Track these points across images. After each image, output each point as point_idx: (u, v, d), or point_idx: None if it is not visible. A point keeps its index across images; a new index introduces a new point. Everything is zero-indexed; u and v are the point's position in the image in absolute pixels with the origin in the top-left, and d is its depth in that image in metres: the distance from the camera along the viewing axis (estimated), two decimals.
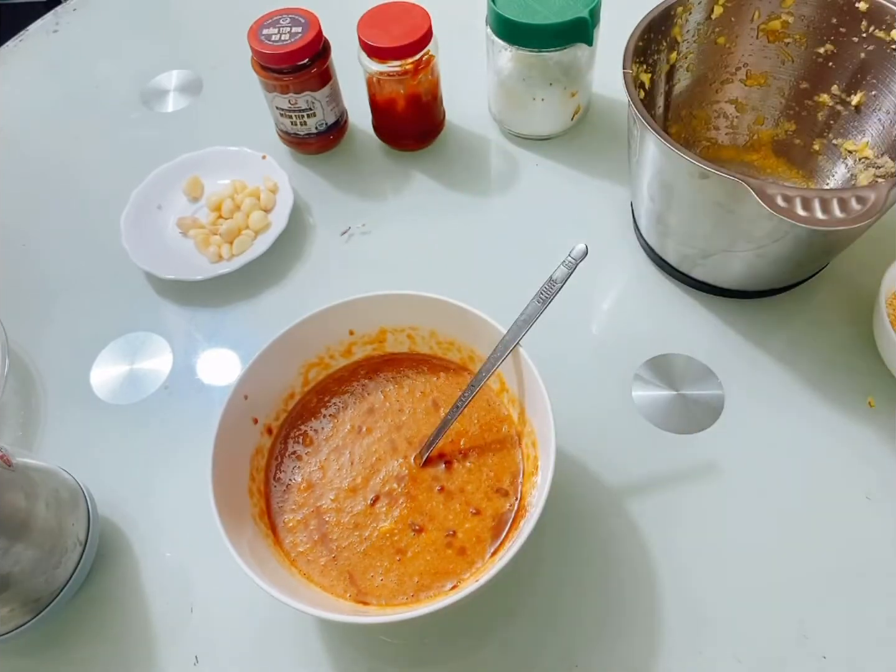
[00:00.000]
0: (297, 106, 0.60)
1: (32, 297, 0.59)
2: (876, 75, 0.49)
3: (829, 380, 0.49)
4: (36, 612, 0.41)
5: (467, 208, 0.61)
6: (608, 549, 0.44)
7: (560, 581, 0.43)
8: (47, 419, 0.52)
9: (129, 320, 0.57)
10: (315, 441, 0.45)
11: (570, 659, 0.41)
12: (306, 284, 0.58)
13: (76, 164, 0.68)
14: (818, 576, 0.43)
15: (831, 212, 0.38)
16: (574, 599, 0.43)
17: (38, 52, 0.79)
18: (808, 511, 0.45)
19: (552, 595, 0.43)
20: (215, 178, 0.63)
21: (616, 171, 0.60)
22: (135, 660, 0.43)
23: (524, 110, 0.62)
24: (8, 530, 0.38)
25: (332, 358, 0.47)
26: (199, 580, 0.45)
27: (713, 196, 0.44)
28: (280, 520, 0.42)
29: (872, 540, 0.43)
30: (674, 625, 0.41)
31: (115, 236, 0.58)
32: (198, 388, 0.53)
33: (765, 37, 0.53)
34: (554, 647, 0.41)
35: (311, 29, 0.56)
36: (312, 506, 0.42)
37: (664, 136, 0.43)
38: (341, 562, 0.41)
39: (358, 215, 0.61)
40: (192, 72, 0.74)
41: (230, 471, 0.41)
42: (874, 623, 0.41)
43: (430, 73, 0.59)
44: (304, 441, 0.45)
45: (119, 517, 0.48)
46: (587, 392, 0.50)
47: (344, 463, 0.44)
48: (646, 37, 0.49)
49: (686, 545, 0.44)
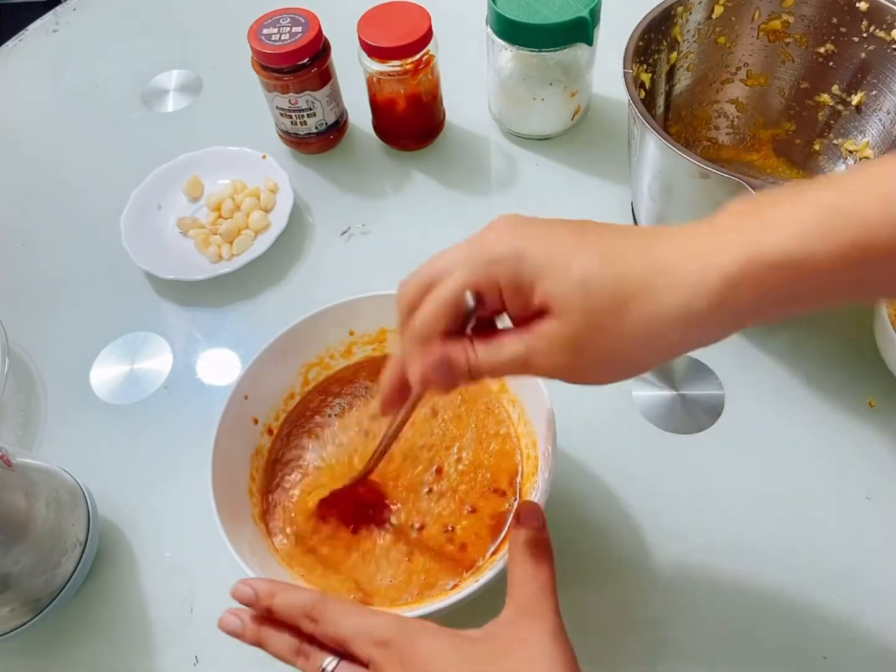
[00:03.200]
0: (297, 106, 0.60)
1: (32, 296, 0.59)
2: (876, 75, 0.49)
3: (830, 380, 0.49)
4: (36, 612, 0.41)
5: (467, 208, 0.61)
6: (608, 549, 0.44)
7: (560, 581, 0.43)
8: (47, 419, 0.52)
9: (129, 320, 0.57)
10: (315, 441, 0.45)
11: None
12: (306, 284, 0.58)
13: (76, 163, 0.68)
14: (818, 576, 0.42)
15: None
16: (574, 599, 0.43)
17: (37, 52, 0.79)
18: (808, 511, 0.45)
19: None
20: (215, 178, 0.63)
21: (616, 171, 0.60)
22: (135, 660, 0.43)
23: (524, 110, 0.62)
24: (8, 530, 0.38)
25: (332, 358, 0.47)
26: (199, 580, 0.45)
27: (714, 196, 0.44)
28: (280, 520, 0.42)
29: (872, 540, 0.43)
30: (674, 625, 0.41)
31: (115, 236, 0.58)
32: (198, 388, 0.53)
33: (765, 36, 0.53)
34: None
35: (312, 29, 0.56)
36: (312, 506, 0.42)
37: (665, 135, 0.43)
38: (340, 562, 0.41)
39: (358, 215, 0.61)
40: (192, 72, 0.74)
41: (230, 471, 0.41)
42: (874, 623, 0.41)
43: (430, 73, 0.58)
44: (305, 441, 0.45)
45: (119, 517, 0.48)
46: (587, 392, 0.50)
47: (345, 463, 0.44)
48: (646, 36, 0.49)
49: (686, 545, 0.44)
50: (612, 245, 0.27)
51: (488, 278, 0.28)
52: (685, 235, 0.27)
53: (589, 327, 0.27)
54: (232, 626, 0.33)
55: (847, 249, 0.24)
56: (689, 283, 0.25)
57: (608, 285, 0.26)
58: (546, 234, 0.28)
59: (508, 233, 0.28)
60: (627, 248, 0.27)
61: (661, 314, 0.26)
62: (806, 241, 0.24)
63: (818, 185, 0.26)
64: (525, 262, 0.27)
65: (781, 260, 0.24)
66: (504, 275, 0.28)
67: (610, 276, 0.26)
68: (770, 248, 0.25)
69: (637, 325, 0.26)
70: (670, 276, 0.26)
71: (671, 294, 0.26)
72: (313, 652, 0.31)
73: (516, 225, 0.29)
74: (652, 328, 0.26)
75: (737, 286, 0.25)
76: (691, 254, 0.26)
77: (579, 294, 0.26)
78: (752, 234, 0.25)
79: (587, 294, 0.26)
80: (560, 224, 0.29)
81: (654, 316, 0.26)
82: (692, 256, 0.26)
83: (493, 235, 0.29)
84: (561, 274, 0.27)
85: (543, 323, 0.27)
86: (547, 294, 0.27)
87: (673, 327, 0.26)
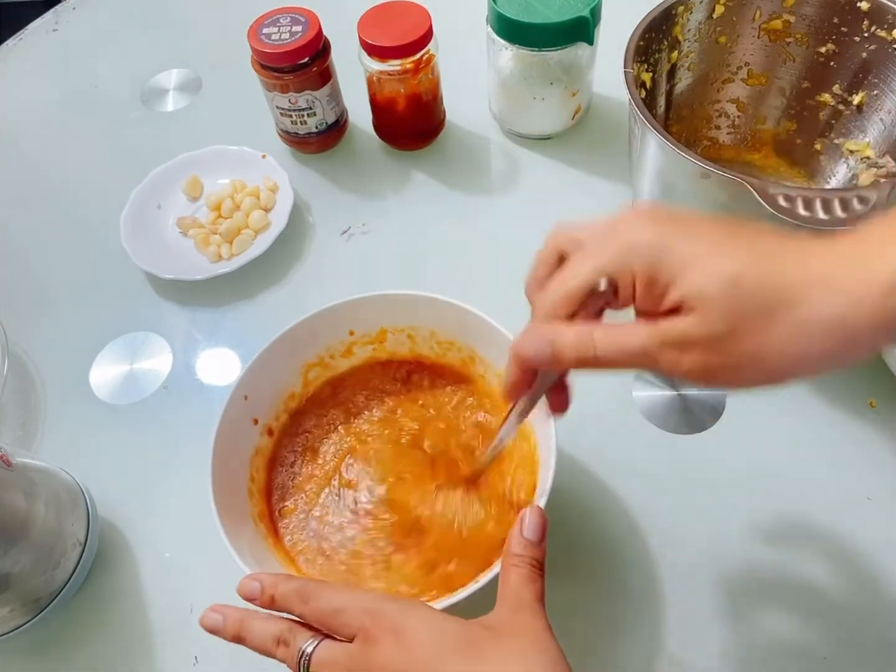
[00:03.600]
0: (298, 105, 0.59)
1: (32, 296, 0.59)
2: (877, 75, 0.49)
3: (831, 380, 0.49)
4: (36, 612, 0.41)
5: (467, 208, 0.61)
6: (608, 549, 0.44)
7: (560, 581, 0.43)
8: (47, 419, 0.52)
9: (129, 320, 0.57)
10: (315, 441, 0.45)
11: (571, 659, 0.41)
12: (306, 284, 0.58)
13: (76, 163, 0.68)
14: (818, 576, 0.42)
15: (833, 212, 0.38)
16: (574, 599, 0.43)
17: (37, 51, 0.79)
18: (808, 511, 0.45)
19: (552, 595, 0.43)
20: (215, 177, 0.63)
21: (617, 170, 0.60)
22: (135, 660, 0.43)
23: (525, 110, 0.62)
24: (8, 530, 0.38)
25: (332, 358, 0.47)
26: (199, 580, 0.45)
27: (715, 196, 0.44)
28: (280, 520, 0.42)
29: (873, 540, 0.43)
30: (674, 624, 0.41)
31: (115, 236, 0.58)
32: (198, 388, 0.53)
33: (766, 36, 0.53)
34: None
35: (312, 28, 0.56)
36: (313, 506, 0.42)
37: (665, 135, 0.43)
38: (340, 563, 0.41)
39: (358, 215, 0.61)
40: (192, 71, 0.74)
41: (230, 471, 0.40)
42: (874, 623, 0.41)
43: (430, 73, 0.58)
44: (305, 441, 0.45)
45: (119, 517, 0.47)
46: (587, 392, 0.50)
47: (345, 463, 0.44)
48: (647, 36, 0.49)
49: (687, 545, 0.44)
50: (766, 247, 0.26)
51: (625, 267, 0.27)
52: (841, 245, 0.26)
53: (734, 328, 0.26)
54: (212, 622, 0.32)
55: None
56: (848, 293, 0.25)
57: (761, 287, 0.25)
58: (693, 229, 0.27)
59: (652, 222, 0.28)
60: (783, 252, 0.26)
61: (821, 321, 0.25)
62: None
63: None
64: (668, 255, 0.26)
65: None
66: (642, 266, 0.27)
67: (764, 277, 0.25)
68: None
69: (790, 330, 0.25)
70: (828, 284, 0.25)
71: (829, 304, 0.25)
72: (293, 637, 0.30)
73: (659, 215, 0.28)
74: (804, 337, 0.25)
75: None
76: (850, 265, 0.25)
77: (727, 293, 0.25)
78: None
79: (736, 294, 0.25)
80: (708, 221, 0.28)
81: (812, 323, 0.25)
82: (851, 268, 0.25)
83: (636, 223, 0.28)
84: (709, 271, 0.26)
85: (678, 318, 0.26)
86: (689, 290, 0.26)
87: (828, 336, 0.25)
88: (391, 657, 0.28)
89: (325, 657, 0.29)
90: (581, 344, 0.28)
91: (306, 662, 0.29)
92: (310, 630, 0.30)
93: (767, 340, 0.26)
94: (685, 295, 0.26)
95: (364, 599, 0.30)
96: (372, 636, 0.28)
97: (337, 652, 0.29)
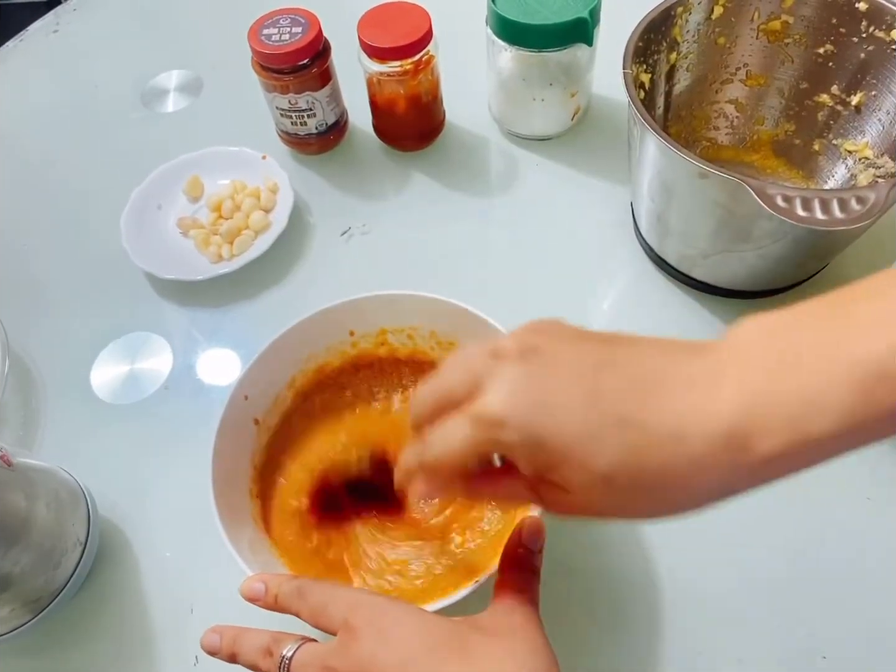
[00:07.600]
0: (297, 106, 0.60)
1: (33, 296, 0.59)
2: (876, 75, 0.49)
3: None
4: (36, 612, 0.41)
5: (467, 208, 0.61)
6: (607, 549, 0.44)
7: (559, 581, 0.43)
8: (47, 419, 0.52)
9: (129, 320, 0.57)
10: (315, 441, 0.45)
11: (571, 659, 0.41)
12: (306, 284, 0.58)
13: (76, 164, 0.68)
14: (818, 576, 0.42)
15: (831, 212, 0.38)
16: (573, 600, 0.43)
17: (37, 52, 0.79)
18: (808, 511, 0.45)
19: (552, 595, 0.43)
20: (215, 178, 0.63)
21: (616, 171, 0.60)
22: (135, 660, 0.43)
23: (524, 110, 0.62)
24: (8, 530, 0.38)
25: (332, 358, 0.47)
26: (199, 580, 0.45)
27: (713, 196, 0.44)
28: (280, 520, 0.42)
29: (873, 540, 0.43)
30: (673, 625, 0.41)
31: (115, 236, 0.58)
32: (198, 388, 0.53)
33: (765, 37, 0.53)
34: (553, 646, 0.41)
35: (312, 29, 0.56)
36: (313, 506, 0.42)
37: (664, 136, 0.43)
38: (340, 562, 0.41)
39: (358, 215, 0.61)
40: (192, 72, 0.74)
41: (230, 471, 0.41)
42: (874, 623, 0.41)
43: (430, 74, 0.59)
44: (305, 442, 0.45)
45: (119, 517, 0.48)
46: None
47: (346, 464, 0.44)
48: (646, 37, 0.49)
49: (685, 545, 0.44)
50: (632, 416, 0.25)
51: (500, 450, 0.28)
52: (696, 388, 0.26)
53: (613, 505, 0.27)
54: (210, 642, 0.32)
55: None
56: (711, 467, 0.25)
57: (632, 479, 0.25)
58: (560, 405, 0.26)
59: (519, 396, 0.26)
60: (650, 414, 0.25)
61: (694, 497, 0.26)
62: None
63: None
64: (542, 451, 0.26)
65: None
66: (517, 458, 0.27)
67: (633, 468, 0.25)
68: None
69: (664, 504, 0.26)
70: (688, 445, 0.25)
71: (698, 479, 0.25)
72: (276, 647, 0.30)
73: (527, 382, 0.26)
74: (679, 508, 0.26)
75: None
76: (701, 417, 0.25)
77: (603, 490, 0.26)
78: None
79: (612, 489, 0.26)
80: (575, 377, 0.26)
81: (682, 500, 0.26)
82: (703, 427, 0.25)
83: (504, 392, 0.26)
84: (584, 469, 0.25)
85: (561, 493, 0.27)
86: (566, 482, 0.26)
87: (699, 504, 0.26)
88: (370, 650, 0.28)
89: (304, 658, 0.30)
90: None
91: (286, 665, 0.29)
92: (294, 637, 0.31)
93: (648, 511, 0.27)
94: (564, 482, 0.26)
95: (349, 593, 0.31)
96: (352, 628, 0.29)
97: (317, 650, 0.30)
